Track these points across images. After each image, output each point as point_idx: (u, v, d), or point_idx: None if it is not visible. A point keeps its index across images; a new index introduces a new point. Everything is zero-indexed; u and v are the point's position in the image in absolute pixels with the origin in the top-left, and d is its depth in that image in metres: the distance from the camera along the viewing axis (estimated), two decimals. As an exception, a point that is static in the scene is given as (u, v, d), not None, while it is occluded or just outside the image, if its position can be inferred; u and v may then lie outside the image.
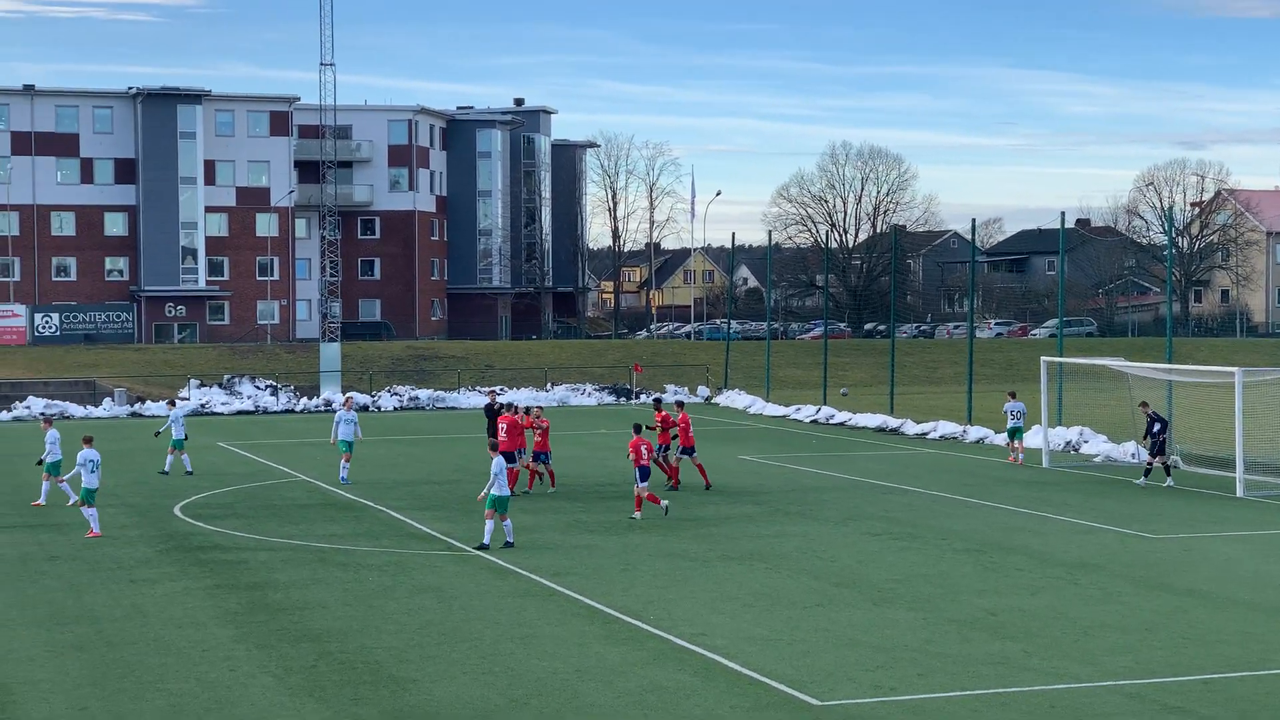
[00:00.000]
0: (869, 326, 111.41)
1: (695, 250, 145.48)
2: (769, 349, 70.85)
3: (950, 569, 25.67)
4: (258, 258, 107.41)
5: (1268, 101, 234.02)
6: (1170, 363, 44.51)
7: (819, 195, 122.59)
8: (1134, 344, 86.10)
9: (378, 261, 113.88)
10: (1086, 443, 44.91)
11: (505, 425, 34.98)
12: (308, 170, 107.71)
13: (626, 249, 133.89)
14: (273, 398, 67.09)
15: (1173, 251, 77.45)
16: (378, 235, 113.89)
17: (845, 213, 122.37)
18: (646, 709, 17.06)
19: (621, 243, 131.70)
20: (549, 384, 72.77)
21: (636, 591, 23.61)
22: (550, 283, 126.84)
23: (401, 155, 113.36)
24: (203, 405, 65.09)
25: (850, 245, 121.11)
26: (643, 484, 31.42)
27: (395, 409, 66.65)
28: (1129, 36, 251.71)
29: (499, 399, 41.48)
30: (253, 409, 65.59)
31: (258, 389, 68.24)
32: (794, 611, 22.11)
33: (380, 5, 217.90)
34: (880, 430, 53.53)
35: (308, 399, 67.64)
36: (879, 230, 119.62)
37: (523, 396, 61.95)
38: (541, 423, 35.95)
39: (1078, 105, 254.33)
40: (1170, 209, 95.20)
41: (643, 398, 67.53)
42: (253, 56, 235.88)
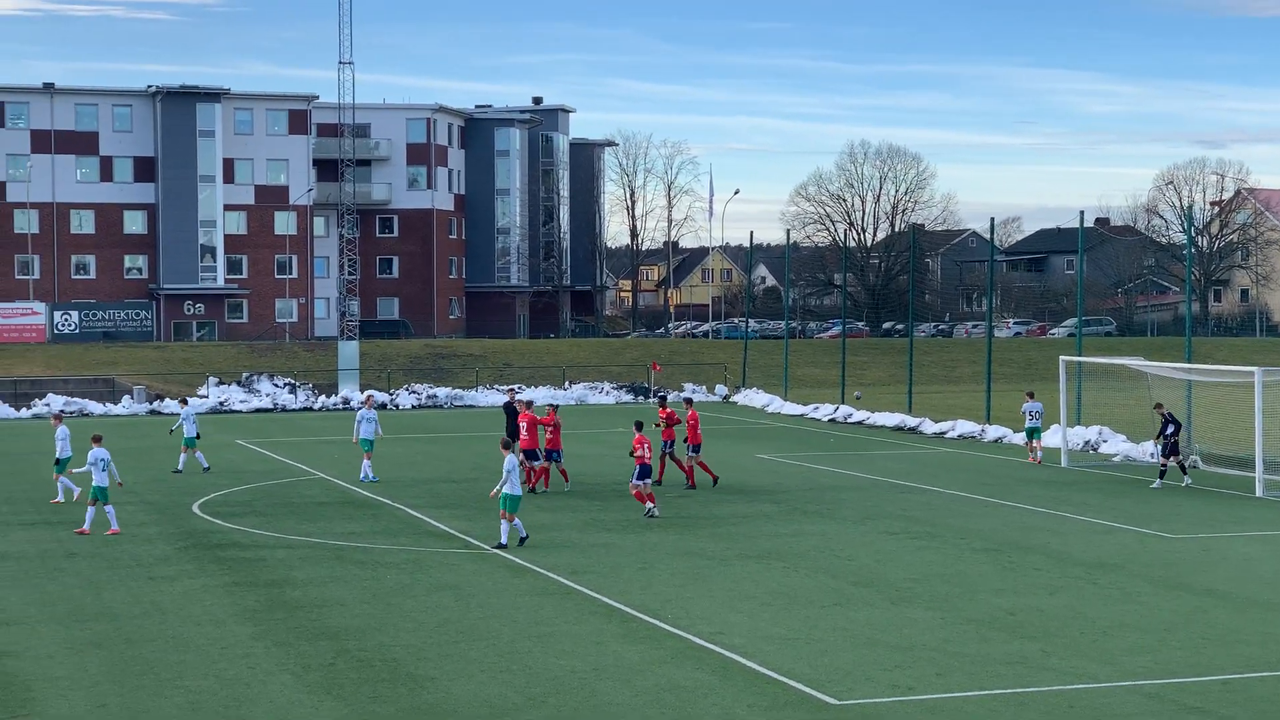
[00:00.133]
0: (887, 325, 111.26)
1: (713, 249, 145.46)
2: (787, 348, 70.78)
3: (968, 568, 25.62)
4: (276, 256, 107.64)
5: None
6: (1189, 362, 44.39)
7: (837, 194, 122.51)
8: (1153, 343, 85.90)
9: (396, 260, 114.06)
10: (1105, 442, 44.80)
11: (526, 423, 35.13)
12: (326, 169, 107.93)
13: (644, 248, 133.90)
14: (291, 396, 67.23)
15: (1192, 251, 77.29)
16: (396, 234, 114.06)
17: (864, 212, 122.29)
18: (664, 707, 17.04)
19: (639, 241, 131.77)
20: (567, 382, 72.79)
21: (654, 590, 23.60)
22: (568, 281, 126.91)
23: (420, 154, 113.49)
24: (221, 403, 65.27)
25: (869, 244, 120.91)
26: (638, 481, 31.48)
27: (413, 407, 66.73)
28: (1149, 35, 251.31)
29: (518, 397, 41.49)
30: (271, 407, 65.73)
31: (276, 387, 68.38)
32: (812, 610, 22.08)
33: (399, 4, 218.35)
34: (898, 429, 53.46)
35: (326, 397, 67.76)
36: (897, 229, 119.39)
37: (541, 395, 61.98)
38: (551, 419, 36.04)
39: (1097, 104, 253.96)
40: (1190, 208, 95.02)
41: (661, 395, 67.45)
42: (272, 55, 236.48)
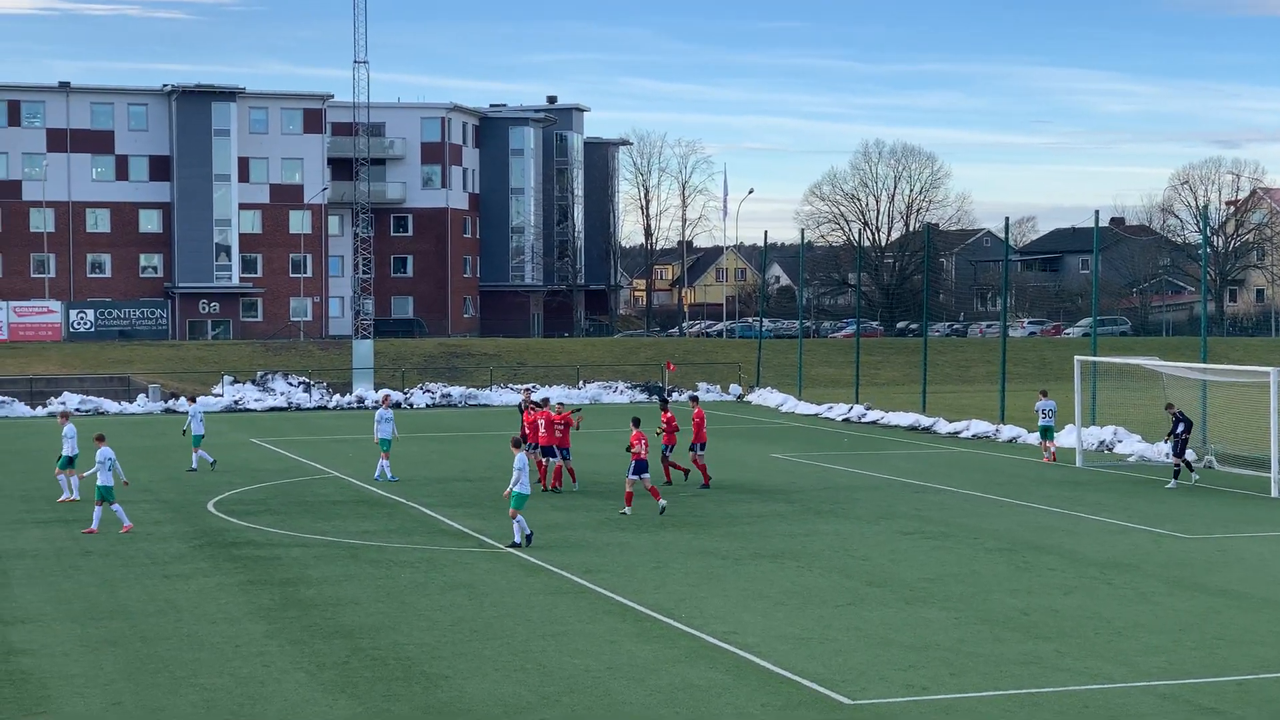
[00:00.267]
0: (901, 325, 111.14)
1: (727, 248, 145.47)
2: (801, 347, 70.75)
3: (983, 568, 25.60)
4: (291, 255, 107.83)
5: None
6: (1205, 362, 44.30)
7: (851, 193, 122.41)
8: (1168, 343, 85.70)
9: (410, 259, 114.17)
10: (1120, 442, 44.72)
11: (544, 421, 35.25)
12: (341, 168, 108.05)
13: (659, 247, 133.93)
14: (305, 394, 67.32)
15: (1207, 250, 77.11)
16: (410, 233, 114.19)
17: (878, 211, 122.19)
18: (678, 707, 17.05)
19: (654, 240, 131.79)
20: (581, 382, 72.82)
21: (668, 589, 23.61)
22: (582, 280, 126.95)
23: (434, 153, 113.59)
24: (236, 402, 65.40)
25: (883, 244, 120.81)
26: (634, 476, 31.54)
27: (427, 406, 66.80)
28: (1164, 35, 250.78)
29: (533, 397, 41.56)
30: (285, 405, 65.84)
31: (290, 385, 68.49)
32: (826, 610, 22.08)
33: (414, 3, 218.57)
34: (912, 429, 53.42)
35: (340, 396, 67.86)
36: (912, 229, 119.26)
37: (555, 394, 61.98)
38: (560, 418, 36.13)
39: (1112, 103, 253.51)
40: (1205, 208, 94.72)
41: (674, 395, 67.48)
42: (287, 54, 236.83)
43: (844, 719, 16.71)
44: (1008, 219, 58.80)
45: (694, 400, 39.28)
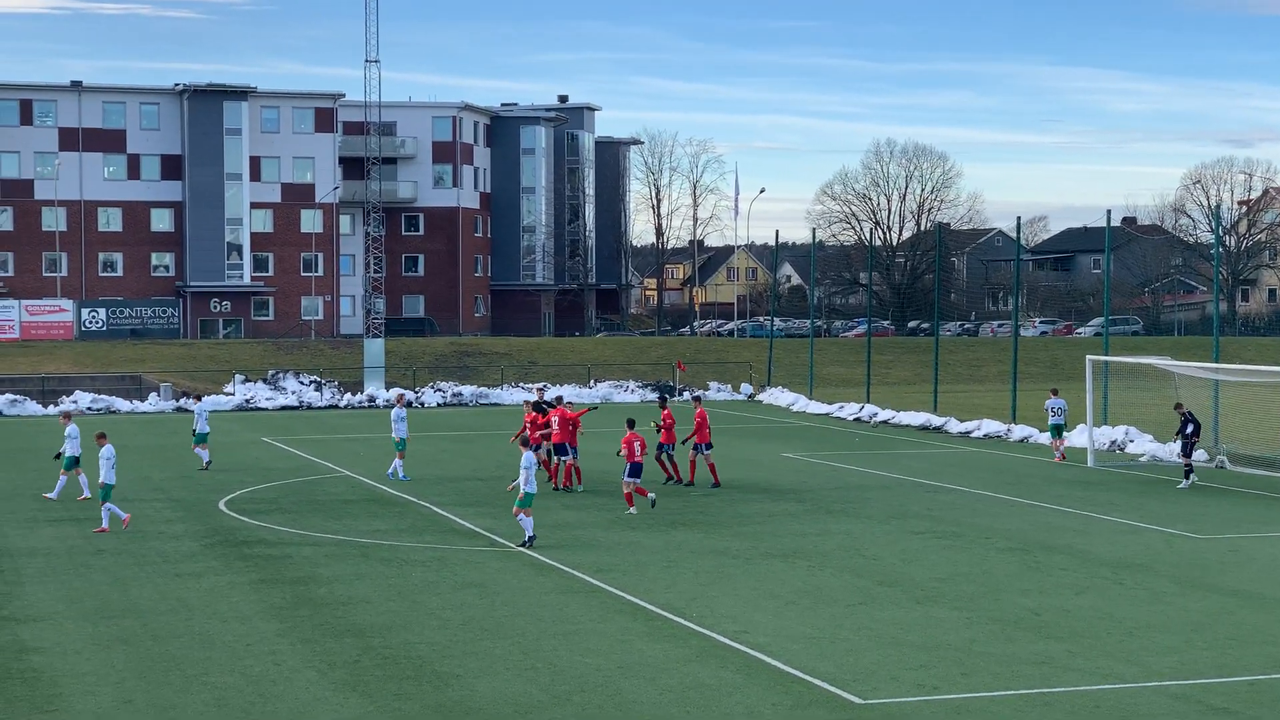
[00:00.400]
0: (913, 324, 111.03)
1: (739, 247, 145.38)
2: (812, 347, 70.72)
3: (994, 568, 25.58)
4: (302, 254, 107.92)
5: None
6: (1217, 362, 44.21)
7: (863, 193, 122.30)
8: (1180, 343, 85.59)
9: (421, 258, 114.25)
10: (1132, 442, 44.66)
11: (556, 419, 35.33)
12: (352, 167, 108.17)
13: (670, 246, 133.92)
14: (316, 393, 67.39)
15: (1220, 250, 76.98)
16: (421, 232, 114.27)
17: (889, 210, 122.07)
18: (688, 706, 17.05)
19: (665, 240, 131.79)
20: (592, 381, 72.82)
21: (679, 588, 23.61)
22: (593, 279, 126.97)
23: (445, 152, 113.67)
24: (247, 400, 65.48)
25: (894, 243, 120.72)
26: (629, 479, 31.65)
27: (439, 405, 66.84)
28: (1176, 33, 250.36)
29: (545, 396, 41.61)
30: (297, 404, 65.92)
31: (302, 384, 68.55)
32: (837, 610, 22.07)
33: (425, 2, 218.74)
34: (924, 428, 53.37)
35: (351, 395, 67.92)
36: (923, 228, 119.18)
37: (566, 394, 62.00)
38: (569, 415, 36.18)
39: (1124, 103, 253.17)
40: (1217, 207, 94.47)
41: (684, 395, 67.49)
42: (298, 53, 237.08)
43: (855, 718, 16.70)
44: (1019, 218, 58.80)
45: (696, 400, 39.20)
